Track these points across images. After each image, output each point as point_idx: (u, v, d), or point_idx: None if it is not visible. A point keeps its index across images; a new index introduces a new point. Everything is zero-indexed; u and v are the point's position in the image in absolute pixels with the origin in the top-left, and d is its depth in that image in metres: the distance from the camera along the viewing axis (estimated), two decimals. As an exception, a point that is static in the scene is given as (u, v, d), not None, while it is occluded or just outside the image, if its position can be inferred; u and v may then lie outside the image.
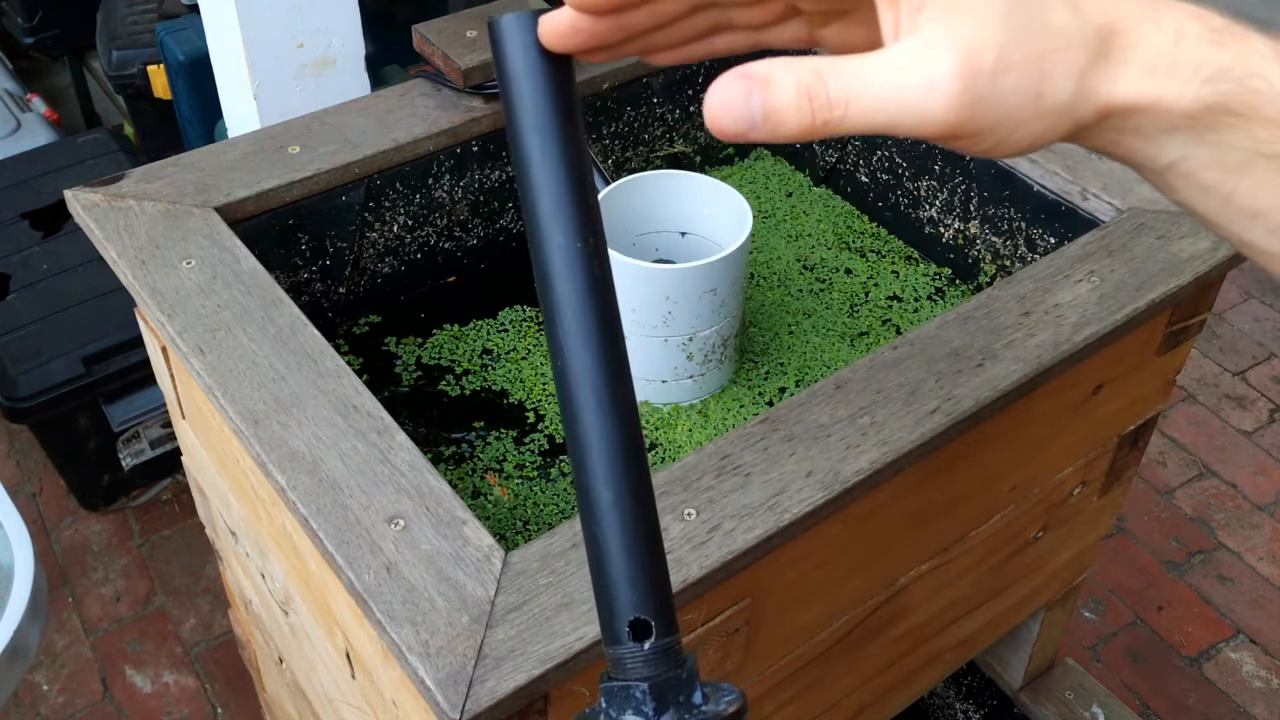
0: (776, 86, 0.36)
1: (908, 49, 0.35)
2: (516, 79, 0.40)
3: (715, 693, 0.40)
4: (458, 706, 0.58)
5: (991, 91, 0.35)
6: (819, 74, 0.36)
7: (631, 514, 0.40)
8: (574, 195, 0.40)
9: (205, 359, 0.76)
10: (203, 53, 1.56)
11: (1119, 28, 0.37)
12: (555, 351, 0.40)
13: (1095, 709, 1.29)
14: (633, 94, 1.09)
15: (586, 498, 0.40)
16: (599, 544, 0.40)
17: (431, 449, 0.90)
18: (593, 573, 0.40)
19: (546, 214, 0.40)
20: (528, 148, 0.40)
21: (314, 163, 0.93)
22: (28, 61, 2.56)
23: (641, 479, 0.40)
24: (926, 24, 0.35)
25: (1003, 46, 0.35)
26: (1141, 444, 1.08)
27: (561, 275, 0.40)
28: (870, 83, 0.35)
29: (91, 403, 1.71)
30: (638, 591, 0.39)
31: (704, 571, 0.66)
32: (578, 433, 0.40)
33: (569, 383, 0.40)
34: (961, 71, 0.35)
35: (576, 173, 0.40)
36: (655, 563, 0.40)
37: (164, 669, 1.68)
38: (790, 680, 0.88)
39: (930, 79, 0.35)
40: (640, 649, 0.39)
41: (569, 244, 0.40)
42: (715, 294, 0.87)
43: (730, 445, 0.73)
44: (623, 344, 0.41)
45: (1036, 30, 0.35)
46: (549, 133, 0.40)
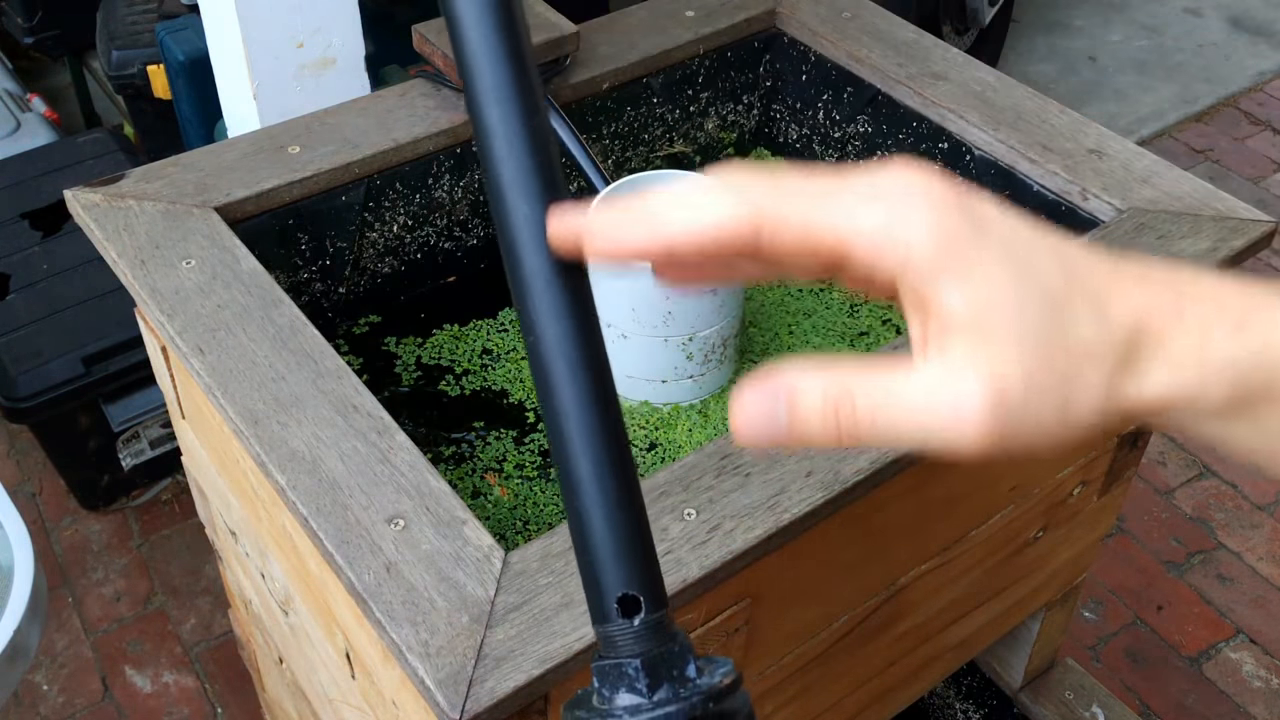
0: (803, 398, 0.35)
1: (936, 374, 0.35)
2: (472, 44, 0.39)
3: (709, 666, 0.39)
4: (458, 706, 0.59)
5: (1019, 417, 0.35)
6: (847, 390, 0.35)
7: (613, 487, 0.39)
8: (538, 163, 0.39)
9: (205, 359, 0.76)
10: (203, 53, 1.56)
11: (1145, 331, 0.36)
12: (526, 326, 0.39)
13: (1095, 709, 1.29)
14: (633, 94, 1.09)
15: (567, 473, 0.39)
16: (582, 519, 0.39)
17: (431, 449, 0.90)
18: (577, 550, 0.39)
19: (510, 184, 0.39)
20: (487, 117, 0.39)
21: (314, 163, 0.93)
22: (28, 61, 2.56)
23: (622, 451, 0.39)
24: (954, 346, 0.35)
25: (1031, 374, 0.35)
26: (1141, 444, 1.08)
27: (529, 248, 0.39)
28: (899, 405, 0.35)
29: (91, 403, 1.71)
30: (624, 566, 0.39)
31: (704, 571, 0.66)
32: (554, 407, 0.39)
33: (542, 356, 0.39)
34: (990, 404, 0.34)
35: (539, 141, 0.39)
36: (640, 536, 0.39)
37: (164, 669, 1.68)
38: (790, 680, 0.88)
39: (958, 410, 0.34)
40: (630, 625, 0.38)
41: (536, 215, 0.39)
42: (715, 294, 0.87)
43: (730, 445, 0.73)
44: (594, 315, 0.40)
45: (1064, 348, 0.35)
46: (509, 101, 0.39)
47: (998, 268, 0.35)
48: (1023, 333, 0.35)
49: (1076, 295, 0.36)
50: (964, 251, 0.35)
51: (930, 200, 0.35)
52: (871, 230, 0.35)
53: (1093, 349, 0.35)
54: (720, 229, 0.36)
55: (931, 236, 0.35)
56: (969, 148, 1.01)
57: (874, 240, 0.35)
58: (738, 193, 0.36)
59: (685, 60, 1.10)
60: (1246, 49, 2.95)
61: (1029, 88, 1.04)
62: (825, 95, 1.13)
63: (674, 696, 0.38)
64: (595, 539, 0.39)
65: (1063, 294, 0.36)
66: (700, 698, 0.38)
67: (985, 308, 0.35)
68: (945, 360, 0.35)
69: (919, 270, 0.35)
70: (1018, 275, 0.35)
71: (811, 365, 0.36)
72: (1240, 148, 2.65)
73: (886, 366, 0.36)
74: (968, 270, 0.35)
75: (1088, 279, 0.36)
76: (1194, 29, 3.03)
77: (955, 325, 0.35)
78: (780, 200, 0.36)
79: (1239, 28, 3.03)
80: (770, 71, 1.17)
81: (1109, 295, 0.36)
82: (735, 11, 1.12)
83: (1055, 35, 2.98)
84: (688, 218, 0.36)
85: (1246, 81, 2.84)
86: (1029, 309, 0.35)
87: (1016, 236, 0.36)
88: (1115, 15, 3.07)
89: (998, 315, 0.35)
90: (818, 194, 0.36)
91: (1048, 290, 0.35)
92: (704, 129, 1.16)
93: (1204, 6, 3.11)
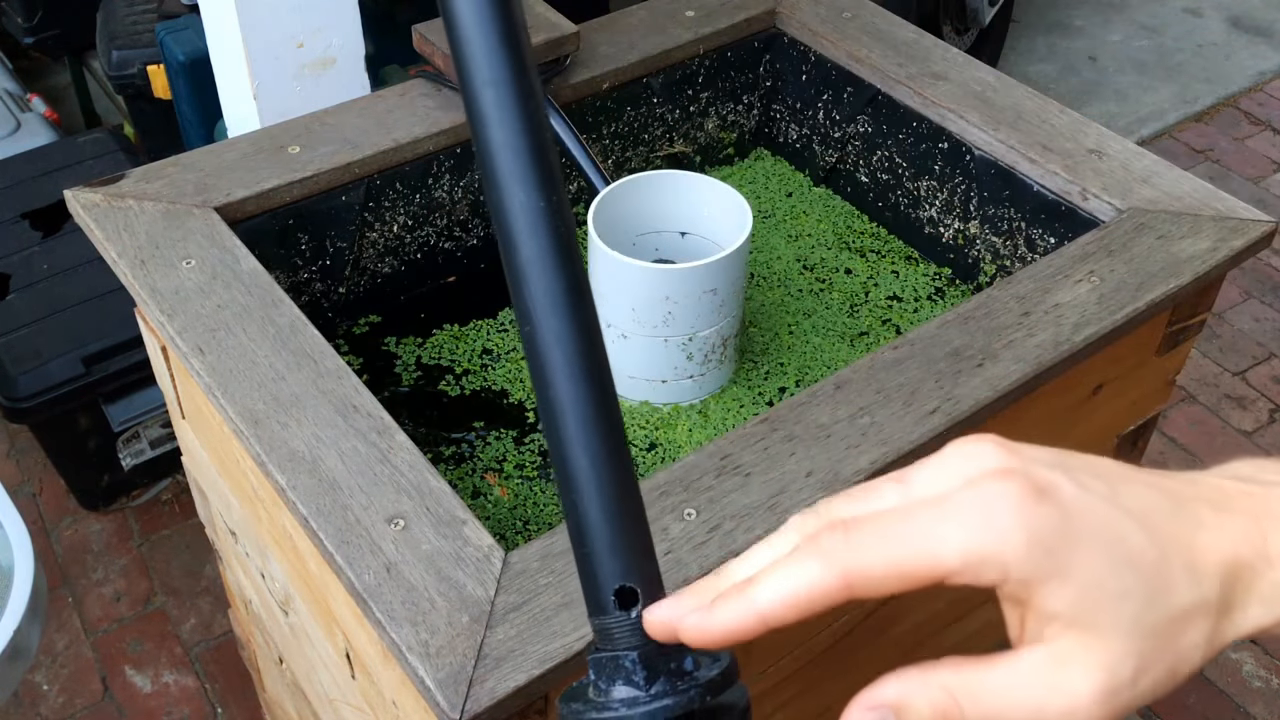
0: (911, 712, 0.35)
1: (1042, 665, 0.35)
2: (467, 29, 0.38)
3: (707, 659, 0.39)
4: (458, 706, 0.58)
5: (1130, 699, 0.35)
6: (952, 694, 0.35)
7: (610, 479, 0.38)
8: (533, 151, 0.38)
9: (205, 359, 0.76)
10: (203, 53, 1.56)
11: (1237, 579, 0.37)
12: (523, 316, 0.39)
13: (1095, 709, 1.29)
14: (633, 94, 1.09)
15: (563, 466, 0.39)
16: (578, 512, 0.39)
17: (431, 449, 0.90)
18: (573, 542, 0.39)
19: (506, 172, 0.38)
20: (483, 102, 0.38)
21: (314, 163, 0.93)
22: (28, 61, 2.56)
23: (618, 443, 0.39)
24: (1058, 636, 0.35)
25: (1140, 655, 0.35)
26: (1141, 444, 1.08)
27: (525, 236, 0.38)
28: (1007, 704, 0.35)
29: (91, 403, 1.71)
30: (621, 558, 0.38)
31: (704, 571, 0.65)
32: (550, 399, 0.38)
33: (539, 347, 0.38)
34: (1102, 694, 0.34)
35: (535, 127, 0.38)
36: (638, 528, 0.39)
37: (164, 669, 1.68)
38: (790, 681, 0.88)
39: (1071, 707, 0.34)
40: (627, 617, 0.38)
41: (532, 203, 0.38)
42: (715, 294, 0.87)
43: (730, 445, 0.73)
44: (591, 305, 0.39)
45: (1166, 621, 0.35)
46: (504, 85, 0.38)
47: (1094, 563, 0.35)
48: (1126, 620, 0.35)
49: (1170, 561, 0.36)
50: (1057, 550, 0.34)
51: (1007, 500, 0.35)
52: (961, 554, 0.34)
53: (1192, 613, 0.36)
54: (813, 597, 0.35)
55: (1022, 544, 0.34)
56: (969, 148, 1.01)
57: (966, 563, 0.34)
58: (819, 553, 0.35)
59: (685, 60, 1.10)
60: (1246, 49, 2.95)
61: (1029, 88, 1.04)
62: (825, 95, 1.13)
63: (671, 689, 0.37)
64: (592, 531, 0.39)
65: (1158, 566, 0.36)
66: (697, 691, 0.37)
67: (1087, 604, 0.34)
68: (1050, 652, 0.35)
69: (1018, 579, 0.34)
70: (1115, 564, 0.35)
71: (913, 674, 0.36)
72: (1240, 148, 2.65)
73: (986, 664, 0.35)
74: (1066, 571, 0.34)
75: (1176, 536, 0.36)
76: (1194, 29, 3.02)
77: (1060, 622, 0.35)
78: (860, 551, 0.35)
79: (1239, 28, 3.03)
80: (770, 71, 1.17)
81: (1198, 547, 0.37)
82: (735, 11, 1.12)
83: (1055, 35, 2.98)
84: (778, 591, 0.36)
85: (1246, 81, 2.84)
86: (1130, 598, 0.35)
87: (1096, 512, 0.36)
88: (1115, 15, 3.07)
89: (1101, 609, 0.35)
90: (892, 526, 0.35)
91: (1143, 569, 0.35)
92: (704, 129, 1.16)
93: (1204, 6, 3.11)
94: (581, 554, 0.39)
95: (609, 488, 0.38)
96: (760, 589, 0.36)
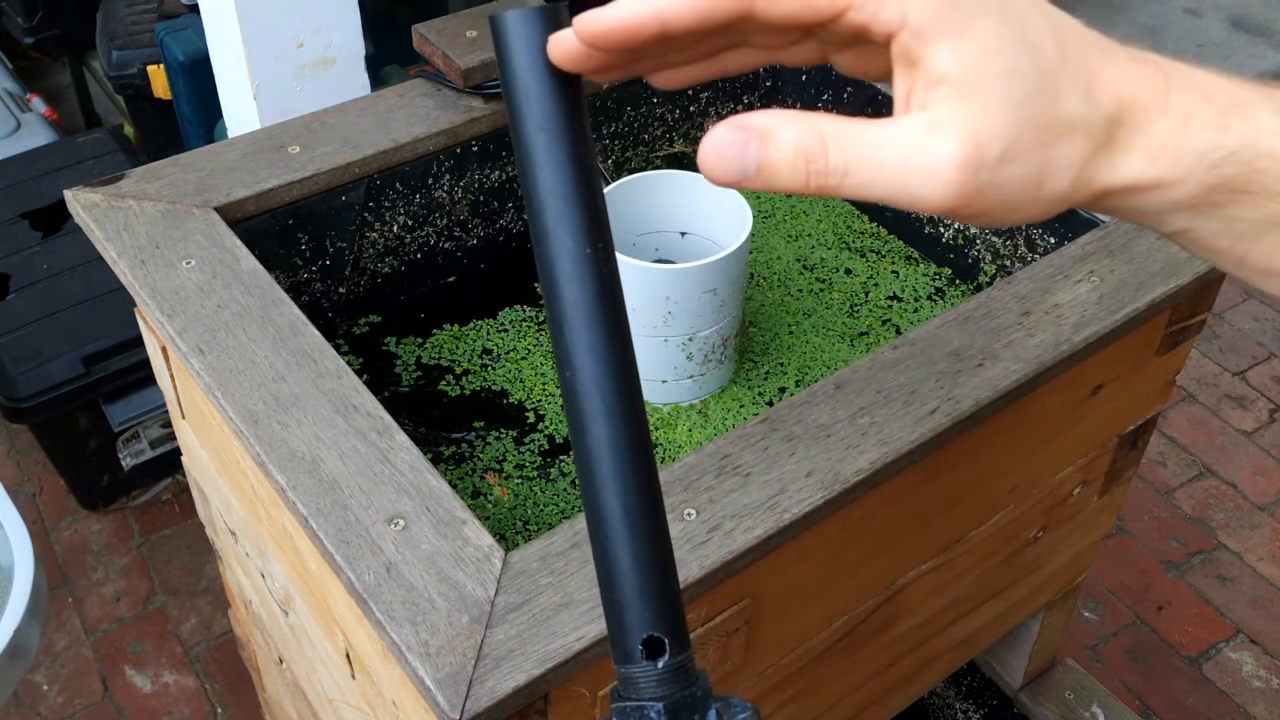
0: (774, 143, 0.35)
1: (914, 128, 0.35)
2: (522, 75, 0.38)
3: (728, 710, 0.39)
4: (458, 706, 0.58)
5: (991, 182, 0.35)
6: (821, 136, 0.35)
7: (643, 528, 0.38)
8: (583, 198, 0.38)
9: (205, 359, 0.76)
10: (203, 53, 1.56)
11: (1128, 114, 0.36)
12: (563, 361, 0.39)
13: (1095, 709, 1.29)
14: (633, 94, 1.09)
15: (596, 512, 0.39)
16: (610, 559, 0.38)
17: (431, 449, 0.90)
18: (602, 589, 0.39)
19: (554, 218, 0.38)
20: (534, 147, 0.38)
21: (314, 163, 0.93)
22: (28, 61, 2.56)
23: (653, 492, 0.39)
24: (939, 103, 0.35)
25: (1011, 140, 0.34)
26: (1141, 444, 1.08)
27: (570, 282, 0.38)
28: (871, 157, 0.35)
29: (91, 403, 1.71)
30: (651, 608, 0.38)
31: (704, 571, 0.66)
32: (587, 445, 0.38)
33: (578, 394, 0.39)
34: (965, 163, 0.34)
35: (585, 174, 0.39)
36: (668, 578, 0.39)
37: (164, 669, 1.68)
38: (790, 680, 0.88)
39: (932, 165, 0.34)
40: (654, 667, 0.38)
41: (578, 249, 0.38)
42: (715, 294, 0.87)
43: (730, 445, 0.73)
44: (633, 353, 0.39)
45: (1046, 121, 0.35)
46: (556, 132, 0.38)
47: (993, 32, 0.35)
48: (1008, 99, 0.34)
49: (1068, 70, 0.36)
50: (962, 10, 0.35)
51: None
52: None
53: (1075, 125, 0.35)
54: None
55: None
56: (969, 148, 1.01)
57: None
58: None
59: (685, 60, 1.10)
60: (1246, 49, 2.95)
61: (1029, 88, 1.04)
62: (825, 95, 1.13)
63: None
64: (621, 578, 0.38)
65: (1054, 67, 0.35)
66: None
67: (975, 70, 0.34)
68: (927, 116, 0.35)
69: (915, 26, 0.34)
70: (1013, 42, 0.35)
71: (790, 112, 0.36)
72: (1240, 148, 2.65)
73: (865, 121, 0.36)
74: (963, 30, 0.34)
75: (1082, 55, 0.36)
76: (1194, 29, 3.02)
77: (943, 83, 0.34)
78: None
79: (1239, 28, 3.03)
80: (770, 71, 1.17)
81: (1099, 74, 0.36)
82: (735, 11, 1.12)
83: (1055, 35, 2.98)
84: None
85: (1246, 81, 2.84)
86: (1018, 78, 0.35)
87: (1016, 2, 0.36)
88: (1115, 15, 3.07)
89: (987, 79, 0.34)
90: None
91: (1040, 61, 0.35)
92: (704, 129, 1.16)
93: (1204, 6, 3.11)
94: (610, 600, 0.39)
95: (641, 536, 0.38)
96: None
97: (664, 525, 0.39)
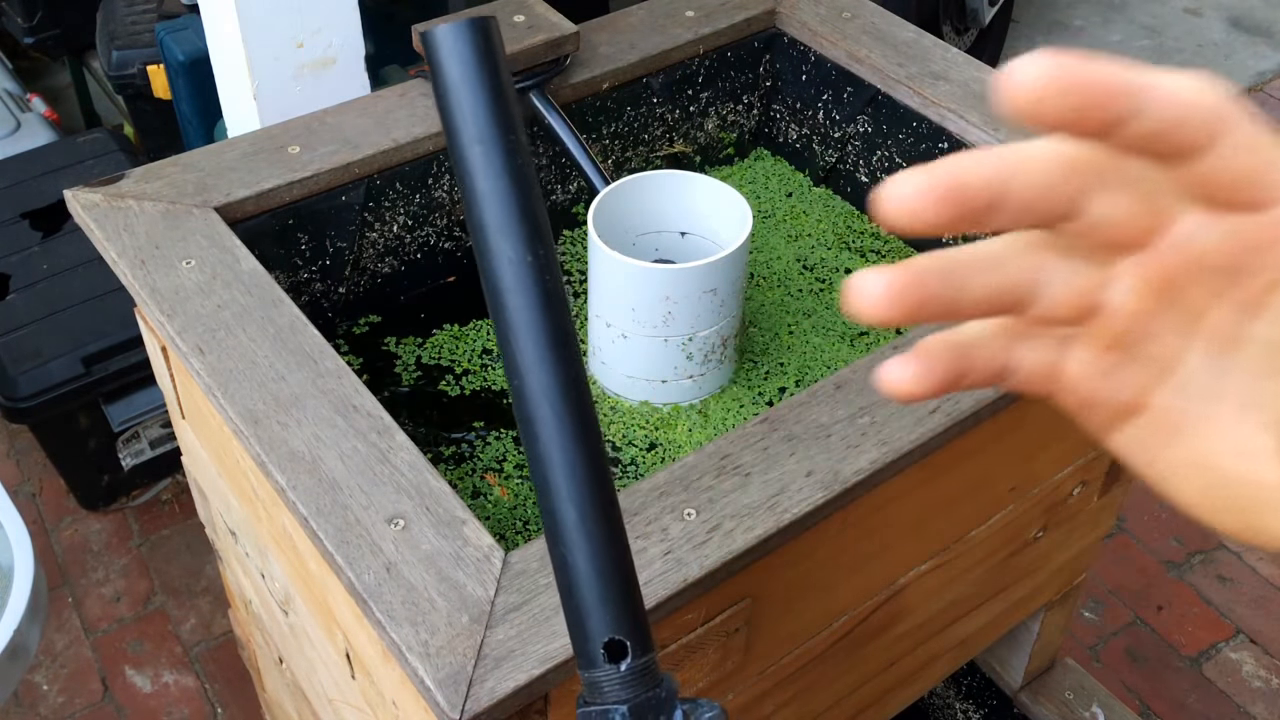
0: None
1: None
2: (454, 89, 0.39)
3: (695, 710, 0.39)
4: (458, 706, 0.59)
5: None
6: None
7: (599, 532, 0.39)
8: (521, 206, 0.39)
9: (205, 359, 0.76)
10: (203, 53, 1.56)
11: None
12: (511, 370, 0.39)
13: (1095, 709, 1.29)
14: (633, 94, 1.09)
15: (552, 519, 0.39)
16: (567, 565, 0.39)
17: (431, 449, 0.90)
18: (562, 596, 0.39)
19: (494, 228, 0.39)
20: (470, 158, 0.39)
21: (314, 163, 0.93)
22: (28, 61, 2.56)
23: (607, 496, 0.39)
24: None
25: None
26: (1141, 444, 1.07)
27: (513, 291, 0.39)
28: None
29: (91, 403, 1.71)
30: (610, 612, 0.38)
31: (704, 571, 0.66)
32: (539, 453, 0.39)
33: (526, 402, 0.39)
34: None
35: (522, 183, 0.39)
36: (626, 581, 0.39)
37: (164, 669, 1.68)
38: (790, 680, 0.88)
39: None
40: (616, 670, 0.38)
41: (519, 257, 0.39)
42: (715, 294, 0.87)
43: (730, 445, 0.73)
44: (579, 359, 0.40)
45: None
46: (491, 142, 0.39)
47: None
48: None
49: None
50: None
51: None
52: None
53: None
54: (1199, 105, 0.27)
55: None
56: (969, 148, 1.01)
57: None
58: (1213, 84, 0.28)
59: (685, 60, 1.10)
60: (1246, 49, 2.95)
61: (1029, 88, 1.04)
62: (825, 95, 1.13)
63: None
64: (580, 583, 0.39)
65: None
66: None
67: None
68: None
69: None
70: None
71: None
72: (1240, 148, 2.65)
73: None
74: None
75: None
76: (1194, 29, 3.02)
77: None
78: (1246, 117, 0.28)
79: (1239, 28, 3.03)
80: (770, 71, 1.17)
81: None
82: (735, 11, 1.12)
83: (1055, 35, 2.98)
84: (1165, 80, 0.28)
85: (1246, 81, 2.84)
86: None
87: None
88: (1115, 15, 3.07)
89: None
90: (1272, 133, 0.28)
91: None
92: (704, 129, 1.16)
93: (1204, 6, 3.11)
94: (570, 606, 0.39)
95: (597, 541, 0.39)
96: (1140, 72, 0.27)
97: (620, 529, 0.39)
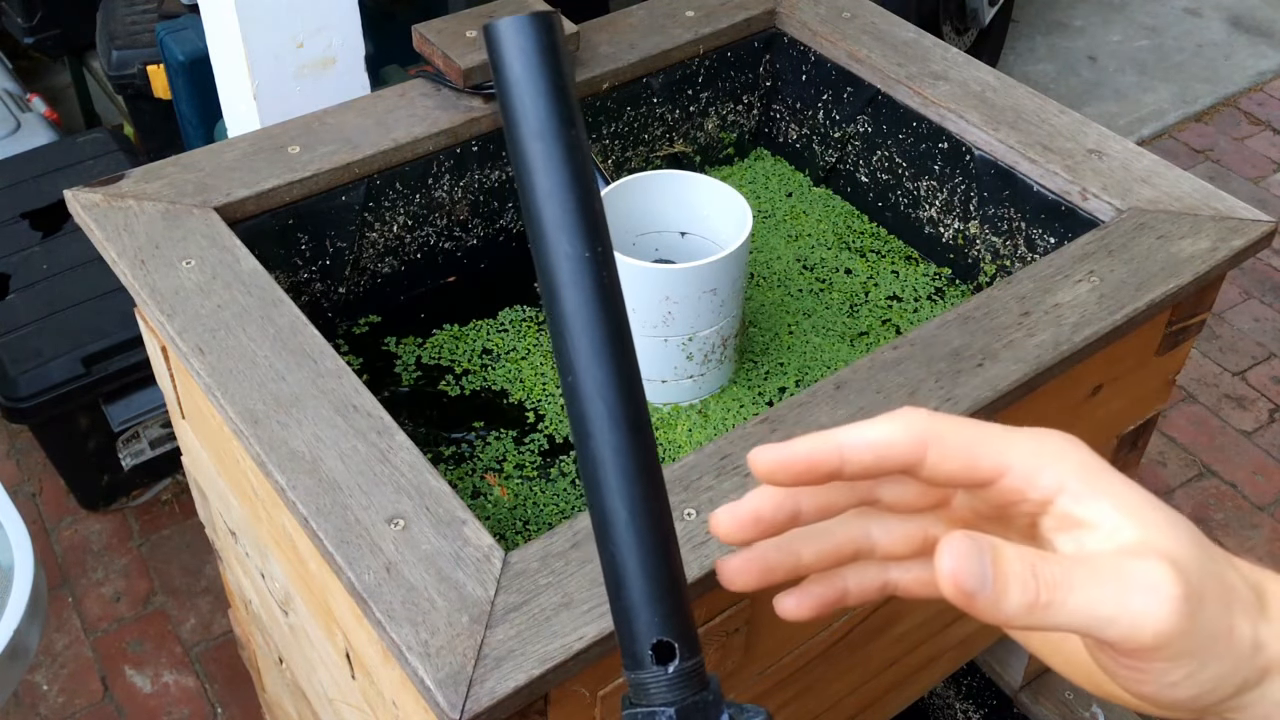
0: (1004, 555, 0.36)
1: (1116, 553, 0.36)
2: (516, 83, 0.38)
3: (741, 715, 0.39)
4: (458, 706, 0.59)
5: (1199, 615, 0.36)
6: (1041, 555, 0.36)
7: (650, 532, 0.38)
8: (580, 202, 0.39)
9: (205, 359, 0.76)
10: (203, 53, 1.56)
11: (1266, 590, 0.39)
12: (565, 367, 0.39)
13: (1095, 709, 1.29)
14: (633, 94, 1.09)
15: (602, 517, 0.38)
16: (617, 564, 0.38)
17: (431, 449, 0.90)
18: (610, 595, 0.39)
19: (552, 223, 0.38)
20: (530, 153, 0.39)
21: (314, 163, 0.93)
22: (28, 61, 2.56)
23: (659, 495, 0.39)
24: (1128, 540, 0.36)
25: (1200, 576, 0.36)
26: (1141, 444, 1.08)
27: (570, 286, 0.38)
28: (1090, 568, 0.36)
29: (91, 403, 1.71)
30: (660, 613, 0.38)
31: (704, 571, 0.66)
32: (591, 450, 0.38)
33: (580, 399, 0.39)
34: (1179, 585, 0.35)
35: (581, 178, 0.39)
36: (676, 582, 0.39)
37: (164, 669, 1.68)
38: (790, 680, 0.88)
39: (1154, 584, 0.35)
40: (664, 672, 0.38)
41: (577, 253, 0.38)
42: (715, 294, 0.87)
43: (730, 445, 0.73)
44: (634, 356, 0.39)
45: (1217, 572, 0.37)
46: (552, 137, 0.38)
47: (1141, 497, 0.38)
48: (1182, 541, 0.36)
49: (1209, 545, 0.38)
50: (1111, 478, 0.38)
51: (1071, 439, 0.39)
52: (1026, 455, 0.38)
53: (1236, 586, 0.37)
54: (892, 443, 0.38)
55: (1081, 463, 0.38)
56: (969, 148, 1.01)
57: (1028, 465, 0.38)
58: (906, 418, 0.39)
59: (685, 60, 1.10)
60: (1246, 49, 2.95)
61: (1029, 88, 1.04)
62: (825, 95, 1.13)
63: None
64: (629, 583, 0.38)
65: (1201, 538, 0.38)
66: None
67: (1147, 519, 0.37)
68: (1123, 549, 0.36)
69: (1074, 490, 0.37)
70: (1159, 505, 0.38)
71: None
72: (1240, 148, 2.65)
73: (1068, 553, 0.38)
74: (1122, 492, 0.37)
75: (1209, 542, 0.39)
76: (1194, 29, 3.02)
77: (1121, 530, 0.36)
78: (945, 425, 0.38)
79: (1239, 28, 3.03)
80: (770, 71, 1.17)
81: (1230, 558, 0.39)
82: (735, 11, 1.12)
83: (1055, 35, 2.98)
84: (859, 432, 0.39)
85: (1246, 81, 2.84)
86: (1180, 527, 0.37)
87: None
88: (1115, 15, 3.07)
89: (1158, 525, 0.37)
90: (975, 425, 0.39)
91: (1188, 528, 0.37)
92: (704, 129, 1.16)
93: (1204, 6, 3.11)
94: (619, 607, 0.39)
95: (649, 541, 0.38)
96: (843, 430, 0.39)
97: (671, 528, 0.39)
